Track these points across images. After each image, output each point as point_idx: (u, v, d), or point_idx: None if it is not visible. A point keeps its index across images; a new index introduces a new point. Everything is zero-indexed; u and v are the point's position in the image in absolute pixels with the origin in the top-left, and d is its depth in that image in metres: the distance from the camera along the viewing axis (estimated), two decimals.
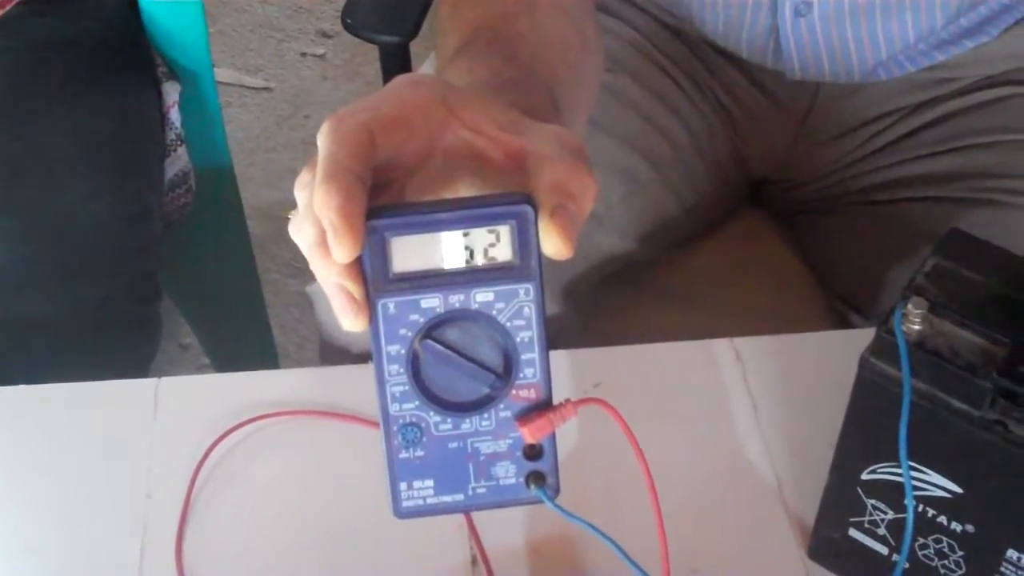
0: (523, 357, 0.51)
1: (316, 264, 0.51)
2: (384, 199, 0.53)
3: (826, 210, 1.07)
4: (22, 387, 0.84)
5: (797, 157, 1.08)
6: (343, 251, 0.48)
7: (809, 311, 1.08)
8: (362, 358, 0.87)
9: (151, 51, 1.21)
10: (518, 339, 0.51)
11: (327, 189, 0.48)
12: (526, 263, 0.50)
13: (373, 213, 0.49)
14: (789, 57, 1.00)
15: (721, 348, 0.86)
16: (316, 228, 0.50)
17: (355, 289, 0.50)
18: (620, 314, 1.03)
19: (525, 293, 0.50)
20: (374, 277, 0.49)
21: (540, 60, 0.70)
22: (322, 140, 0.50)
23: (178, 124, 1.20)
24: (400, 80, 0.56)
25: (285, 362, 1.74)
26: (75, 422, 0.82)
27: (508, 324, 0.51)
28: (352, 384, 0.84)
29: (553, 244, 0.49)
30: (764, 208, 1.14)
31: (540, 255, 0.50)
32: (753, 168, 1.11)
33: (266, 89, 2.31)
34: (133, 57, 1.17)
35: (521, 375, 0.51)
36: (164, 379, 0.85)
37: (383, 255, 0.49)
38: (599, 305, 1.02)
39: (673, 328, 0.98)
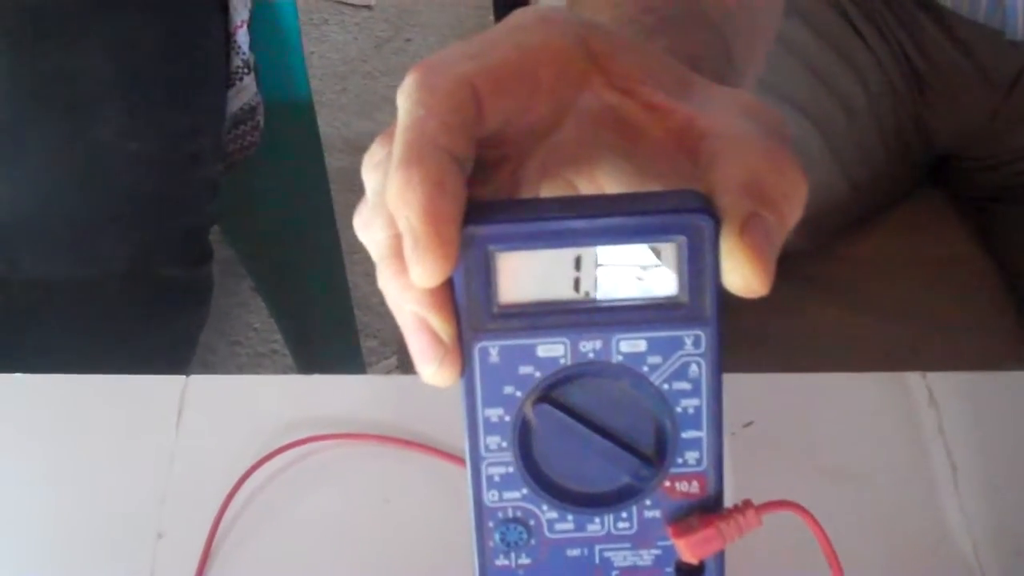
0: (685, 436, 0.41)
1: (387, 283, 0.40)
2: (488, 190, 0.43)
3: (1022, 199, 1.00)
4: (16, 376, 0.73)
5: (994, 133, 1.00)
6: (427, 270, 0.38)
7: (998, 322, 1.00)
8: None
9: None
10: (679, 409, 0.41)
11: (408, 176, 0.37)
12: (698, 299, 0.39)
13: (474, 215, 0.39)
14: (1012, 9, 0.89)
15: (912, 385, 0.73)
16: (390, 230, 0.39)
17: (442, 325, 0.39)
18: (771, 313, 0.92)
19: (694, 343, 0.40)
20: (471, 309, 0.40)
21: None
22: (405, 100, 0.39)
23: (246, 48, 1.07)
24: (520, 16, 0.43)
25: (366, 314, 1.67)
26: (73, 428, 0.71)
27: (666, 387, 0.41)
28: (436, 403, 0.69)
29: (741, 275, 0.38)
30: (946, 190, 1.07)
31: (719, 288, 0.39)
32: (938, 142, 1.03)
33: (366, 7, 2.24)
34: None
35: (680, 460, 0.42)
36: (193, 378, 0.72)
37: (485, 278, 0.39)
38: (745, 302, 0.88)
39: (834, 332, 0.94)
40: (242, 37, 1.07)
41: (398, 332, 0.86)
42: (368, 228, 0.40)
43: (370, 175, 0.41)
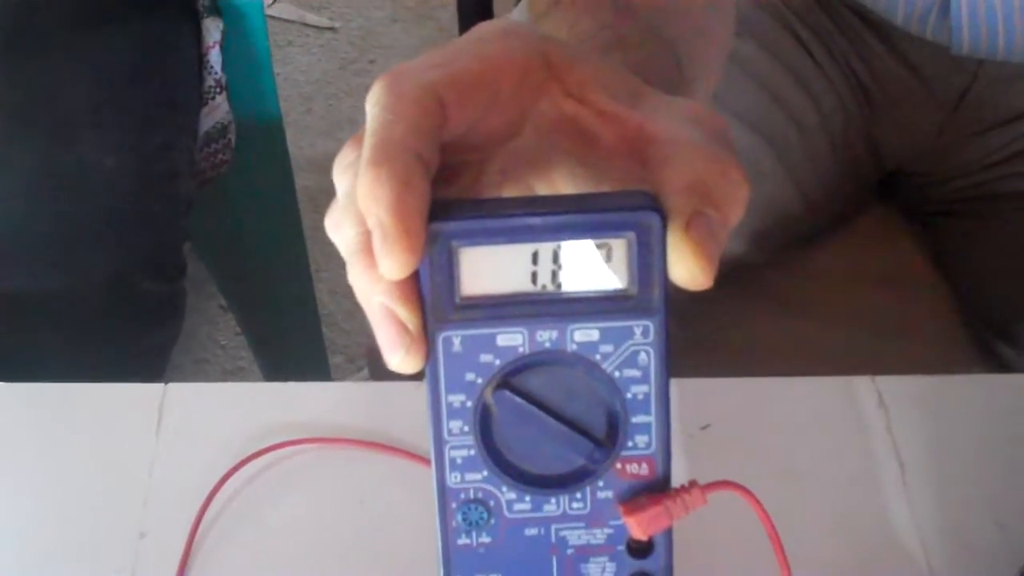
0: (634, 420, 0.42)
1: (357, 277, 0.41)
2: (451, 192, 0.45)
3: (969, 212, 1.01)
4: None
5: (941, 149, 1.00)
6: (395, 262, 0.39)
7: (944, 331, 1.00)
8: (418, 375, 0.73)
9: None
10: (629, 395, 0.42)
11: (377, 175, 0.39)
12: (646, 292, 0.41)
13: (437, 212, 0.40)
14: (958, 25, 0.89)
15: (862, 388, 0.74)
16: (359, 228, 0.41)
17: (408, 316, 0.41)
18: (727, 323, 0.94)
19: (643, 333, 0.41)
20: (435, 301, 0.41)
21: (661, 13, 0.59)
22: (373, 106, 0.41)
23: (219, 68, 1.08)
24: (483, 29, 0.45)
25: (333, 331, 1.63)
26: (55, 433, 0.71)
27: (617, 375, 0.42)
28: (406, 407, 0.72)
29: (687, 268, 0.39)
30: (895, 205, 1.06)
31: (666, 282, 0.41)
32: (887, 158, 1.03)
33: (330, 29, 2.25)
34: None
35: (630, 444, 0.43)
36: (172, 386, 0.73)
37: (449, 271, 0.41)
38: (702, 312, 0.91)
39: (787, 342, 0.94)
40: (214, 57, 1.07)
41: (368, 344, 0.86)
42: (339, 227, 0.42)
43: (341, 177, 0.42)
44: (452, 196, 0.43)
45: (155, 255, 1.01)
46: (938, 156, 1.00)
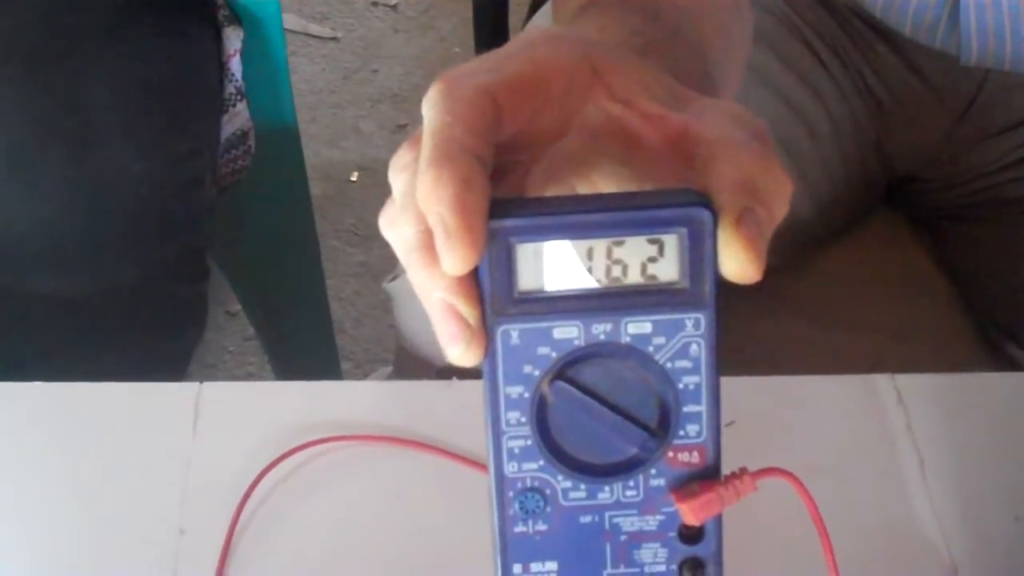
0: (686, 410, 0.43)
1: (417, 274, 0.42)
2: (498, 190, 0.44)
3: (977, 218, 1.01)
4: (36, 384, 0.73)
5: (949, 155, 1.00)
6: (458, 259, 0.40)
7: (954, 332, 1.01)
8: (445, 373, 0.76)
9: None
10: (681, 385, 0.43)
11: (438, 175, 0.40)
12: (697, 286, 0.42)
13: (496, 210, 0.41)
14: (966, 35, 0.90)
15: (882, 387, 0.75)
16: (419, 226, 0.41)
17: (469, 310, 0.41)
18: (738, 325, 0.88)
19: (694, 325, 0.42)
20: (494, 296, 0.42)
21: (689, 20, 0.60)
22: (431, 108, 0.42)
23: (239, 76, 1.09)
24: (532, 34, 0.47)
25: (341, 337, 1.64)
26: (93, 432, 0.72)
27: (669, 366, 0.43)
28: (433, 405, 0.73)
29: (737, 262, 0.41)
30: (903, 210, 1.07)
31: (716, 276, 0.42)
32: (896, 164, 1.03)
33: (332, 39, 2.24)
34: None
35: (682, 433, 0.43)
36: (207, 385, 0.74)
37: (507, 267, 0.42)
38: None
39: (798, 344, 0.94)
40: (235, 65, 1.08)
41: (397, 343, 0.86)
42: (395, 226, 0.42)
43: (397, 177, 0.43)
44: (503, 195, 0.44)
45: (180, 259, 1.01)
46: (946, 161, 1.00)
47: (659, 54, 0.54)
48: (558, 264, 0.42)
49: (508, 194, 0.46)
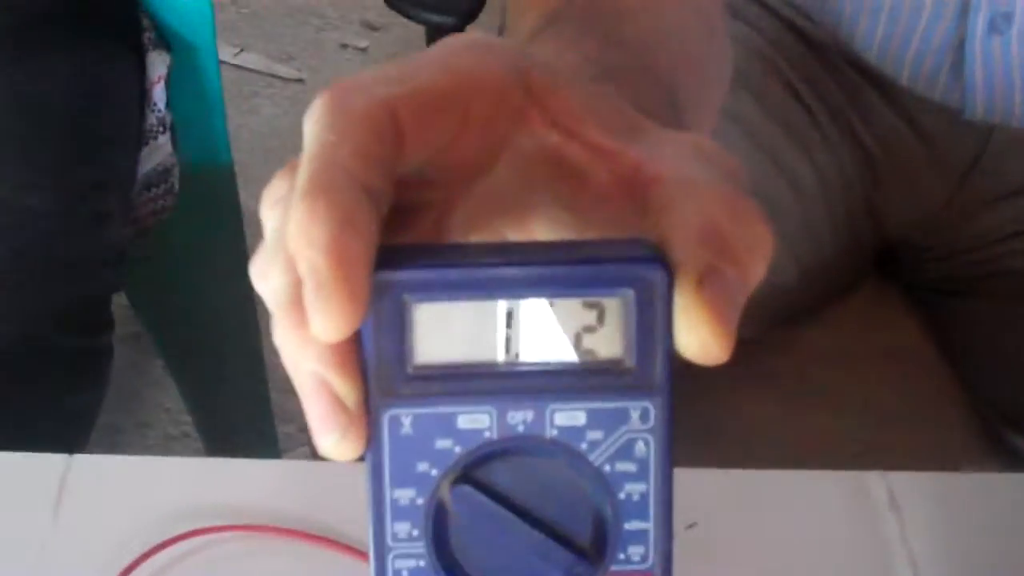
0: (628, 527, 0.37)
1: (284, 338, 0.35)
2: (409, 237, 0.40)
3: (976, 291, 0.97)
4: None
5: (949, 220, 0.96)
6: (331, 320, 0.33)
7: (951, 416, 0.97)
8: None
9: (137, 10, 1.04)
10: (622, 495, 0.37)
11: (312, 209, 0.34)
12: (646, 365, 0.36)
13: (387, 259, 0.35)
14: (971, 87, 0.86)
15: (871, 485, 0.68)
16: (288, 276, 0.35)
17: (345, 388, 0.35)
18: (713, 402, 0.88)
19: (641, 417, 0.36)
20: (381, 370, 0.36)
21: (654, 48, 0.55)
22: (313, 125, 0.36)
23: (162, 106, 1.03)
24: (452, 41, 0.40)
25: (281, 397, 1.59)
26: None
27: (607, 469, 0.37)
28: (352, 492, 0.65)
29: (698, 336, 0.35)
30: (895, 280, 1.03)
31: (671, 352, 0.36)
32: (889, 228, 0.99)
33: (298, 81, 2.23)
34: (109, 14, 1.00)
35: (622, 556, 0.37)
36: (78, 457, 0.66)
37: (399, 333, 0.36)
38: (686, 389, 0.85)
39: (773, 428, 0.90)
40: (158, 93, 1.03)
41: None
42: (264, 276, 0.36)
43: (269, 214, 0.36)
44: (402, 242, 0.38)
45: (77, 308, 0.94)
46: (945, 228, 0.96)
47: (618, 82, 0.48)
48: (466, 331, 0.36)
49: (410, 241, 0.40)
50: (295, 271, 0.34)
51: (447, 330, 0.36)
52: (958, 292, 0.98)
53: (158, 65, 1.03)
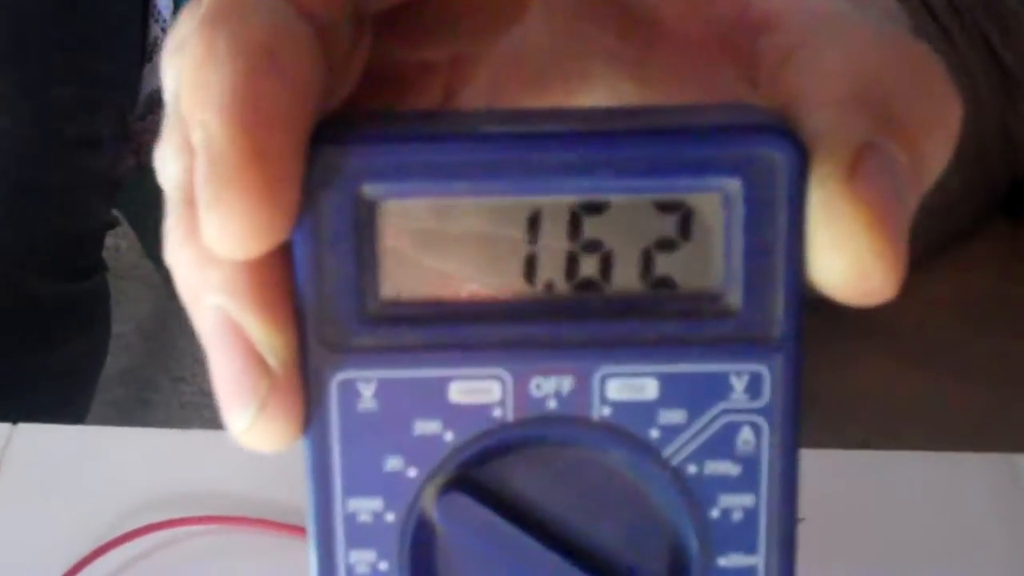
0: (724, 562, 0.26)
1: (176, 253, 0.26)
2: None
3: None
4: None
5: None
6: (233, 222, 0.23)
7: None
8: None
9: None
10: (715, 512, 0.26)
11: (210, 42, 0.24)
12: (759, 303, 0.25)
13: (338, 129, 0.25)
14: None
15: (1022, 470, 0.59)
16: (184, 158, 0.26)
17: (266, 335, 0.25)
18: (812, 364, 0.79)
19: (750, 389, 0.26)
20: (325, 309, 0.25)
21: None
22: None
23: (167, 16, 0.95)
24: None
25: None
26: None
27: (692, 471, 0.26)
28: None
29: (850, 253, 0.24)
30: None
31: (799, 284, 0.25)
32: None
33: None
34: None
35: None
36: (22, 427, 0.59)
37: (354, 250, 0.25)
38: None
39: (893, 391, 0.83)
40: (163, 2, 0.95)
41: None
42: (163, 160, 0.27)
43: (170, 64, 0.27)
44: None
45: (61, 247, 0.87)
46: None
47: None
48: (465, 246, 0.26)
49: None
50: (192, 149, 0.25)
51: (432, 244, 0.26)
52: None
53: None
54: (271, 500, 0.57)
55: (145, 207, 0.93)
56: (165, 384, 1.56)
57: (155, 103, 0.97)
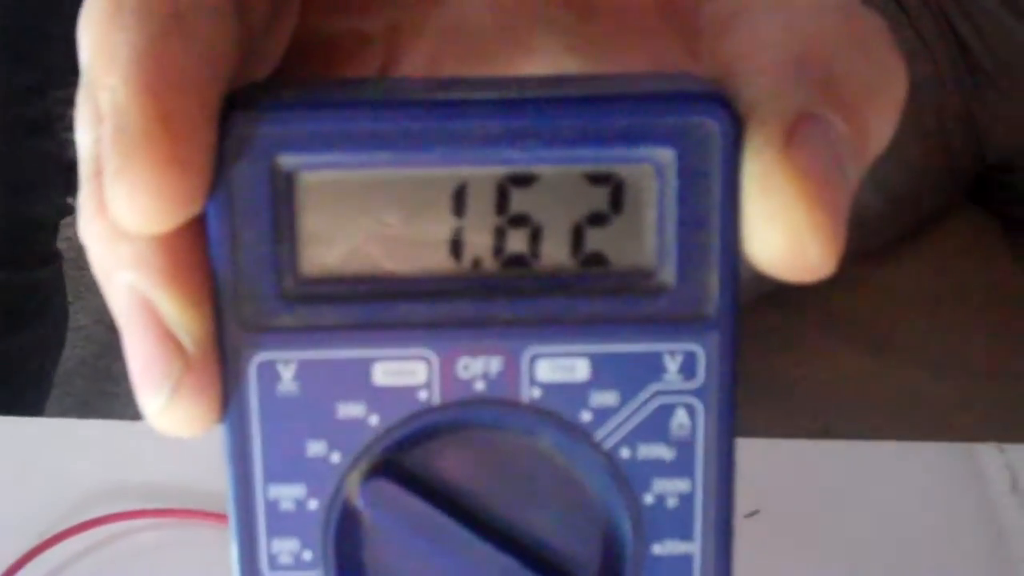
0: (659, 549, 0.26)
1: (88, 227, 0.24)
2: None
3: None
4: None
5: None
6: (140, 195, 0.22)
7: None
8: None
9: None
10: (649, 498, 0.26)
11: (115, 6, 0.23)
12: (693, 279, 0.25)
13: (254, 97, 0.24)
14: None
15: (985, 460, 0.58)
16: (95, 127, 0.24)
17: (180, 313, 0.24)
18: (777, 354, 0.83)
19: (683, 369, 0.25)
20: (242, 286, 0.24)
21: None
22: None
23: None
24: None
25: None
26: None
27: (625, 455, 0.25)
28: None
29: (785, 224, 0.23)
30: (993, 210, 0.95)
31: (734, 259, 0.25)
32: (990, 147, 0.92)
33: None
34: None
35: None
36: None
37: (272, 223, 0.24)
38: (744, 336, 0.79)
39: (858, 380, 0.84)
40: None
41: None
42: (78, 131, 0.26)
43: (85, 31, 0.26)
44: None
45: (10, 233, 0.84)
46: None
47: None
48: (388, 220, 0.25)
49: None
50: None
51: (354, 219, 0.25)
52: None
53: None
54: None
55: None
56: (126, 376, 1.57)
57: None
